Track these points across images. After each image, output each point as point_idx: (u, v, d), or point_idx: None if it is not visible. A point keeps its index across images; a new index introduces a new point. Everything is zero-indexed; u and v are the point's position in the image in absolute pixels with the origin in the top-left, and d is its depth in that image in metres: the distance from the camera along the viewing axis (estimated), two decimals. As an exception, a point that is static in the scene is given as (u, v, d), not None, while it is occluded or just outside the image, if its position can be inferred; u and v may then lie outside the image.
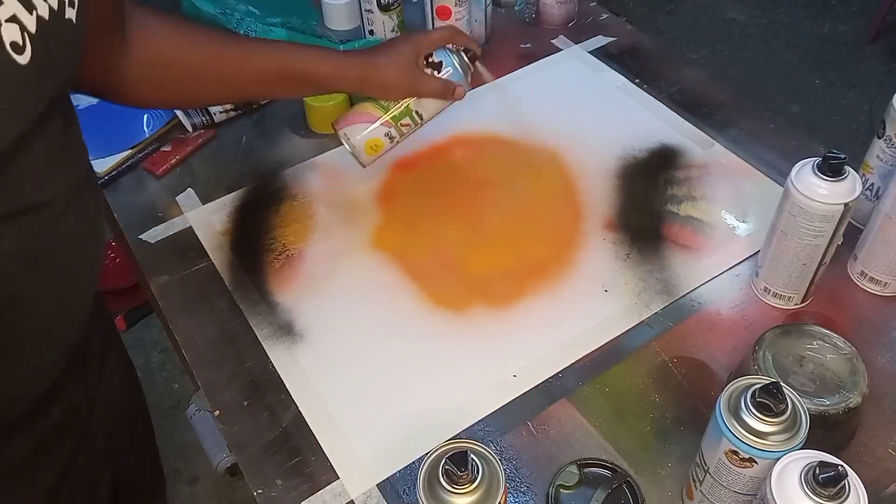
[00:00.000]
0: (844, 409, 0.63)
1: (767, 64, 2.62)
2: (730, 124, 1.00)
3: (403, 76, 0.80)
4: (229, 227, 0.90)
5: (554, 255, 0.86)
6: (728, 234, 0.87)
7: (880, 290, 0.80)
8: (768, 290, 0.79)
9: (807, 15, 2.80)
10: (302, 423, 0.72)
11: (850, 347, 0.66)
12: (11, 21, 0.46)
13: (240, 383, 0.76)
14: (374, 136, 0.84)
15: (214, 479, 1.56)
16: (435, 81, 0.82)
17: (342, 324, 0.80)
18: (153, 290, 0.84)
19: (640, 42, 1.14)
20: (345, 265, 0.86)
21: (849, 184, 0.69)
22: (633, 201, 0.91)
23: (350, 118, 0.84)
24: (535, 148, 0.98)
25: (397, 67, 0.80)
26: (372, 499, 0.67)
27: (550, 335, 0.78)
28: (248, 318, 0.81)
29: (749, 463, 0.55)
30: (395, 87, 0.82)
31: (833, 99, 2.47)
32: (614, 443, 0.69)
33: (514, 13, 1.22)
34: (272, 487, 0.68)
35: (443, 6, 1.02)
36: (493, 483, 0.52)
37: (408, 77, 0.81)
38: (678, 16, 2.85)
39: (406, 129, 0.85)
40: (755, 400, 0.54)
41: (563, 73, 1.09)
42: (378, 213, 0.91)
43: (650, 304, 0.80)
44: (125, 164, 0.97)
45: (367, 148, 0.84)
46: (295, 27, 1.10)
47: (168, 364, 1.79)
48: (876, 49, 2.64)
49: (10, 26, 0.46)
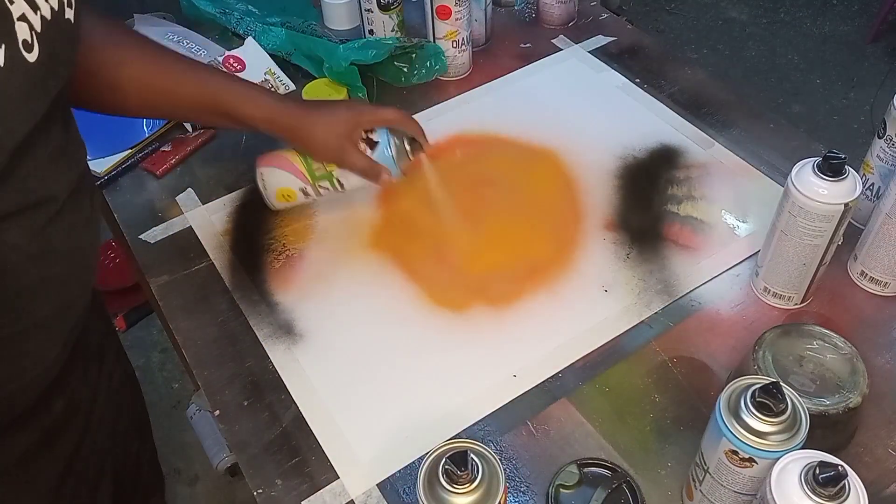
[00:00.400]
0: (844, 409, 0.63)
1: (768, 64, 2.62)
2: (730, 124, 1.00)
3: (332, 142, 0.78)
4: (229, 227, 0.90)
5: (554, 255, 0.86)
6: (728, 234, 0.87)
7: (880, 290, 0.80)
8: (768, 289, 0.79)
9: (807, 14, 2.80)
10: (302, 423, 0.72)
11: (850, 347, 0.66)
12: (21, 20, 0.47)
13: (240, 383, 0.76)
14: (288, 187, 0.83)
15: (214, 479, 1.56)
16: (362, 160, 0.79)
17: (342, 324, 0.80)
18: (153, 290, 0.84)
19: (641, 42, 1.14)
20: (345, 265, 0.86)
21: (849, 184, 0.69)
22: (633, 201, 0.91)
23: (272, 160, 0.83)
24: (536, 148, 0.98)
25: (329, 131, 0.78)
26: (372, 499, 0.67)
27: (550, 335, 0.78)
28: (248, 318, 0.81)
29: (749, 463, 0.55)
30: (321, 151, 0.80)
31: (833, 99, 2.47)
32: (614, 443, 0.69)
33: (514, 13, 1.22)
34: (272, 487, 0.68)
35: (443, 6, 1.02)
36: (493, 483, 0.52)
37: (336, 145, 0.78)
38: (678, 15, 2.85)
39: (324, 192, 0.83)
40: (755, 400, 0.54)
41: (563, 73, 1.09)
42: (378, 214, 0.91)
43: (650, 304, 0.80)
44: (125, 164, 0.97)
45: (279, 195, 0.84)
46: (294, 27, 1.10)
47: (168, 364, 1.79)
48: (876, 49, 2.64)
49: (21, 25, 0.47)
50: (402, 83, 1.05)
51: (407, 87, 1.06)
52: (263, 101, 0.78)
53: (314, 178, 0.82)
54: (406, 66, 1.05)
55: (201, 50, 1.11)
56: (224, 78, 0.82)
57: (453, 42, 1.05)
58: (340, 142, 0.78)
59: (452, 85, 1.08)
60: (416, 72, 1.05)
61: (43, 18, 0.49)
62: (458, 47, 1.06)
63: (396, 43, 1.04)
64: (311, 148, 0.80)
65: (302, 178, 0.82)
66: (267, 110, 0.77)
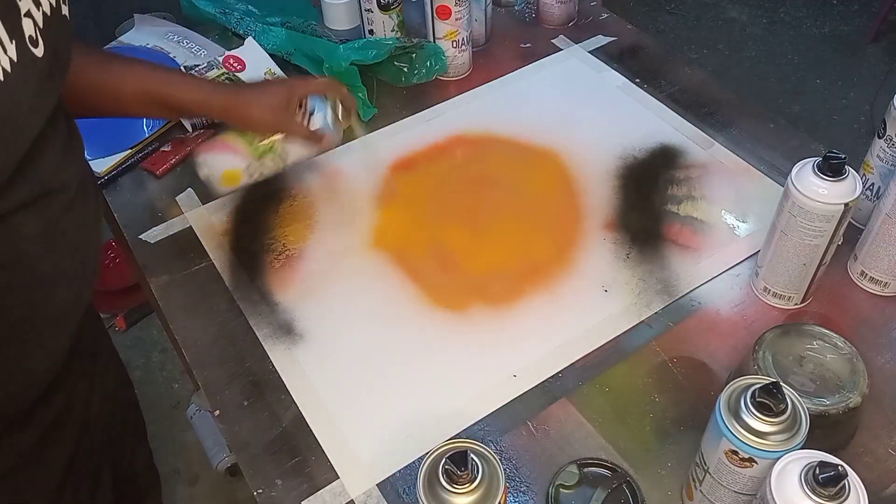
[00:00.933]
0: (844, 409, 0.63)
1: (768, 63, 2.62)
2: (730, 124, 1.00)
3: (268, 114, 0.80)
4: (229, 227, 0.90)
5: (554, 255, 0.86)
6: (728, 234, 0.87)
7: (880, 290, 0.80)
8: (768, 289, 0.79)
9: (807, 14, 2.80)
10: (302, 423, 0.72)
11: (850, 347, 0.66)
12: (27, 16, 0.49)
13: (240, 383, 0.76)
14: (232, 169, 0.83)
15: (214, 479, 1.56)
16: (300, 128, 0.82)
17: (342, 324, 0.80)
18: (153, 290, 0.84)
19: (641, 42, 1.14)
20: (345, 265, 0.86)
21: (849, 184, 0.69)
22: (633, 201, 0.91)
23: (213, 146, 0.84)
24: (536, 148, 0.98)
25: (264, 104, 0.80)
26: (372, 499, 0.67)
27: (550, 335, 0.78)
28: (248, 318, 0.81)
29: (749, 463, 0.55)
30: (259, 122, 0.81)
31: (833, 99, 2.47)
32: (614, 443, 0.69)
33: (514, 13, 1.22)
34: (272, 487, 0.68)
35: (443, 6, 1.02)
36: (493, 483, 0.52)
37: (273, 115, 0.81)
38: (679, 15, 2.85)
39: (268, 166, 0.84)
40: (755, 400, 0.54)
41: (563, 73, 1.09)
42: (378, 213, 0.91)
43: (650, 304, 0.80)
44: (125, 164, 0.97)
45: (224, 177, 0.83)
46: (294, 27, 1.10)
47: (168, 364, 1.79)
48: (876, 49, 2.64)
49: (27, 21, 0.49)
50: (402, 83, 1.05)
51: (407, 87, 1.06)
52: (196, 85, 0.81)
53: (257, 151, 0.82)
54: (406, 66, 1.05)
55: (201, 50, 1.11)
56: (162, 70, 0.84)
57: (453, 42, 1.05)
58: (276, 113, 0.81)
59: (452, 85, 1.08)
60: (416, 72, 1.05)
61: (44, 14, 0.50)
62: (458, 47, 1.06)
63: (396, 43, 1.04)
64: (251, 123, 0.82)
65: (245, 154, 0.83)
66: (200, 93, 0.80)
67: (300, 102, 0.83)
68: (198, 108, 0.82)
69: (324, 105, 0.84)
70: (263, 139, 0.82)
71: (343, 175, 0.96)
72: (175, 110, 0.82)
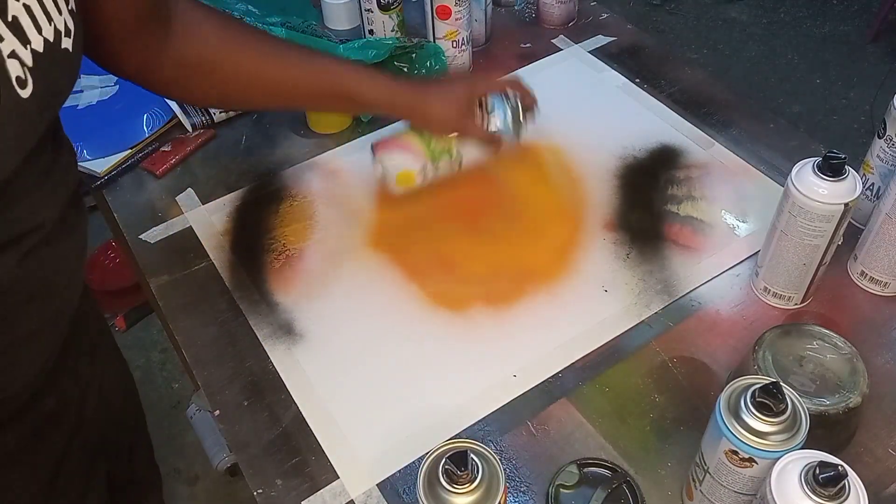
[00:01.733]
0: (844, 409, 0.63)
1: (768, 63, 2.62)
2: (730, 124, 1.00)
3: (452, 113, 0.80)
4: (229, 227, 0.90)
5: (554, 255, 0.86)
6: (728, 234, 0.87)
7: (880, 290, 0.80)
8: (768, 289, 0.79)
9: (807, 14, 2.80)
10: (302, 423, 0.72)
11: (850, 347, 0.66)
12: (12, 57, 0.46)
13: (240, 383, 0.76)
14: (408, 170, 0.83)
15: (214, 479, 1.56)
16: (480, 130, 0.82)
17: (342, 324, 0.80)
18: (153, 290, 0.84)
19: (641, 42, 1.14)
20: (345, 265, 0.86)
21: (849, 184, 0.69)
22: (633, 201, 0.91)
23: (390, 144, 0.84)
24: (535, 148, 0.98)
25: (447, 103, 0.80)
26: (372, 499, 0.67)
27: (550, 335, 0.78)
28: (248, 318, 0.81)
29: (749, 463, 0.55)
30: (441, 123, 0.81)
31: (833, 99, 2.47)
32: (614, 443, 0.69)
33: (514, 13, 1.22)
34: (272, 487, 0.68)
35: (443, 6, 1.02)
36: (493, 483, 0.52)
37: (455, 115, 0.80)
38: (679, 15, 2.85)
39: (442, 168, 0.84)
40: (755, 400, 0.54)
41: (563, 73, 1.09)
42: (378, 213, 0.91)
43: (650, 304, 0.80)
44: (125, 164, 0.97)
45: (399, 178, 0.84)
46: (294, 26, 1.10)
47: (168, 364, 1.79)
48: (876, 49, 2.64)
49: (12, 62, 0.46)
50: (402, 83, 1.05)
51: (407, 87, 1.06)
52: (382, 81, 0.79)
53: (434, 155, 0.82)
54: (406, 66, 1.05)
55: (201, 50, 1.11)
56: (340, 63, 0.83)
57: (453, 42, 1.05)
58: (459, 112, 0.80)
59: (452, 85, 1.08)
60: (416, 72, 1.05)
61: (34, 52, 0.47)
62: (458, 47, 1.06)
63: (396, 43, 1.04)
64: (432, 123, 0.81)
65: (422, 156, 0.82)
66: (387, 91, 0.79)
67: (480, 101, 0.82)
68: (384, 106, 0.80)
69: (503, 105, 0.83)
70: (441, 140, 0.82)
71: (343, 175, 0.96)
72: (357, 105, 0.81)
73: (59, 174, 0.58)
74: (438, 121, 0.81)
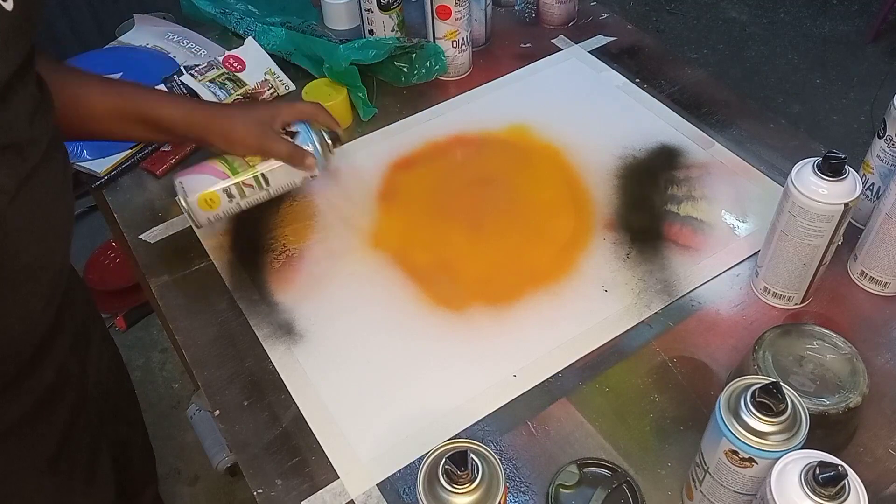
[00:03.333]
0: (844, 409, 0.63)
1: (768, 63, 2.62)
2: (730, 124, 1.00)
3: (252, 132, 0.79)
4: (229, 227, 0.90)
5: (554, 256, 0.86)
6: (728, 234, 0.87)
7: (880, 290, 0.80)
8: (768, 289, 0.79)
9: (807, 14, 2.80)
10: (302, 423, 0.72)
11: (850, 347, 0.66)
12: None
13: (240, 383, 0.76)
14: (210, 191, 0.79)
15: (214, 479, 1.56)
16: (285, 144, 0.80)
17: (342, 324, 0.80)
18: (153, 290, 0.84)
19: (641, 41, 1.14)
20: (345, 265, 0.86)
21: (849, 184, 0.69)
22: (633, 201, 0.91)
23: (190, 170, 0.81)
24: (536, 148, 0.98)
25: (247, 123, 0.79)
26: (372, 499, 0.67)
27: (550, 335, 0.78)
28: (248, 318, 0.81)
29: (749, 463, 0.55)
30: (241, 142, 0.80)
31: (833, 99, 2.47)
32: (614, 443, 0.69)
33: (514, 13, 1.22)
34: (272, 487, 0.68)
35: (443, 6, 1.02)
36: (493, 483, 0.52)
37: (256, 134, 0.79)
38: (678, 15, 2.85)
39: (249, 191, 0.81)
40: (755, 400, 0.54)
41: (563, 73, 1.09)
42: (378, 213, 0.91)
43: (650, 304, 0.80)
44: (125, 163, 0.97)
45: (201, 201, 0.80)
46: (294, 27, 1.10)
47: (168, 364, 1.78)
48: (876, 49, 2.64)
49: None
50: (402, 83, 1.05)
51: (407, 87, 1.06)
52: (180, 101, 0.81)
53: (235, 173, 0.80)
54: (406, 66, 1.05)
55: (201, 50, 1.11)
56: (141, 87, 0.83)
57: (453, 42, 1.05)
58: (261, 131, 0.79)
59: (452, 85, 1.08)
60: (416, 72, 1.05)
61: None
62: (458, 47, 1.06)
63: (396, 43, 1.04)
64: (232, 140, 0.80)
65: (223, 176, 0.80)
66: (184, 108, 0.79)
67: (284, 126, 0.81)
68: (181, 124, 0.79)
69: (308, 131, 0.82)
70: (244, 162, 0.80)
71: (343, 175, 0.96)
72: (157, 128, 0.79)
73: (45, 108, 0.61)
74: (237, 140, 0.79)
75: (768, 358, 0.66)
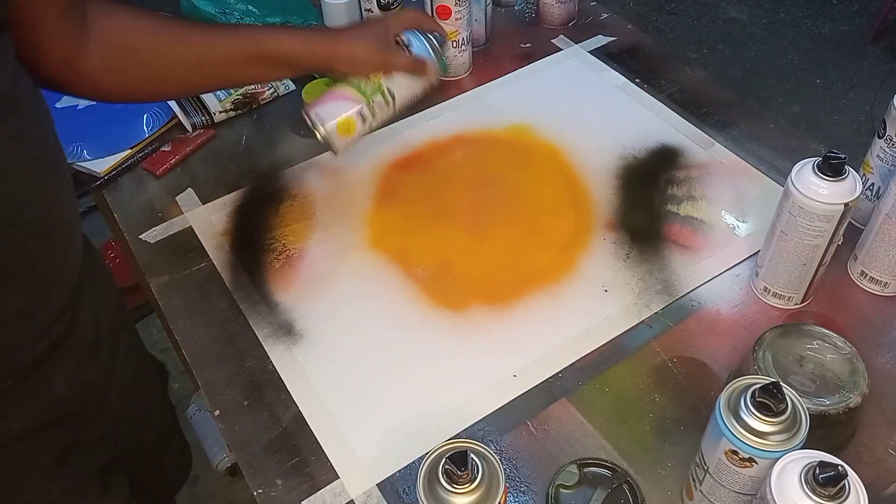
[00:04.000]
0: (844, 409, 0.63)
1: (768, 63, 2.62)
2: (730, 124, 1.00)
3: (373, 50, 0.79)
4: (229, 227, 0.90)
5: (554, 255, 0.86)
6: (728, 234, 0.87)
7: (880, 290, 0.80)
8: (768, 289, 0.79)
9: (807, 14, 2.80)
10: (302, 423, 0.72)
11: (850, 347, 0.66)
12: None
13: (240, 383, 0.76)
14: (346, 116, 0.80)
15: (214, 479, 1.55)
16: (405, 56, 0.81)
17: (342, 323, 0.80)
18: (153, 290, 0.84)
19: (641, 42, 1.14)
20: (345, 265, 0.86)
21: (849, 184, 0.69)
22: (633, 201, 0.91)
23: (321, 99, 0.82)
24: (535, 148, 0.98)
25: (367, 42, 0.79)
26: (372, 499, 0.67)
27: (550, 335, 0.78)
28: (248, 318, 0.81)
29: (749, 463, 0.55)
30: (365, 61, 0.80)
31: (833, 99, 2.47)
32: (614, 443, 0.69)
33: (514, 13, 1.22)
34: (272, 487, 0.68)
35: (443, 6, 1.02)
36: (493, 483, 0.52)
37: (378, 51, 0.79)
38: (678, 15, 2.85)
39: (379, 110, 0.82)
40: (755, 400, 0.54)
41: (563, 73, 1.09)
42: (378, 214, 0.91)
43: (650, 304, 0.80)
44: (125, 164, 0.97)
45: (339, 129, 0.80)
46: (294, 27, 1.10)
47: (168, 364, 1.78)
48: (876, 49, 2.64)
49: None
50: (402, 83, 1.05)
51: (407, 87, 1.06)
52: (299, 33, 0.79)
53: (366, 94, 0.80)
54: (406, 66, 1.05)
55: (201, 50, 1.11)
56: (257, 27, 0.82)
57: (453, 42, 1.05)
58: (382, 46, 0.80)
59: (452, 85, 1.08)
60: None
61: None
62: (458, 47, 1.06)
63: (396, 43, 1.03)
64: (356, 63, 0.80)
65: (355, 99, 0.80)
66: (305, 40, 0.78)
67: (396, 39, 0.81)
68: (306, 56, 0.78)
69: (419, 37, 0.82)
70: (369, 80, 0.80)
71: (343, 175, 0.96)
72: (283, 64, 0.78)
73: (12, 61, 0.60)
74: (362, 60, 0.80)
75: (768, 358, 0.66)
